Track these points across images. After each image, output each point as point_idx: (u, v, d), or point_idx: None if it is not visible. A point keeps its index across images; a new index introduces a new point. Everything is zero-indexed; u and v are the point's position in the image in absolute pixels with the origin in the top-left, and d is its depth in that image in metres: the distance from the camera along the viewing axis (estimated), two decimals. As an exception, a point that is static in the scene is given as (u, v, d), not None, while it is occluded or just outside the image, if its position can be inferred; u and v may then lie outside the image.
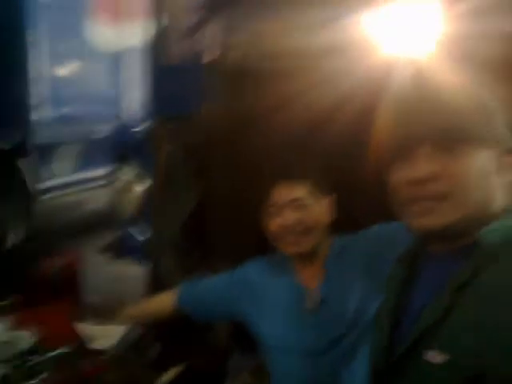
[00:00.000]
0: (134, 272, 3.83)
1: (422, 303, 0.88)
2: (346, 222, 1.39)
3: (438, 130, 0.85)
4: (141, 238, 2.18)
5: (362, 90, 1.64)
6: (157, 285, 2.42)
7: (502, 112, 0.89)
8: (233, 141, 1.88)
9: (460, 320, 0.79)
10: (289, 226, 1.31)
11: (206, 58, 2.00)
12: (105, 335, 2.31)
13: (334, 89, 1.61)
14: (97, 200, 4.72)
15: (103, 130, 4.28)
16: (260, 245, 1.53)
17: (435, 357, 0.79)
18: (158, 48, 2.51)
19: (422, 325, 0.84)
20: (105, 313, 1.75)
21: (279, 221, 1.32)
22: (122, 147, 2.24)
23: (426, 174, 0.84)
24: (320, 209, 1.35)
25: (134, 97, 4.64)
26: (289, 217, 1.31)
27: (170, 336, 2.62)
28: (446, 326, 0.81)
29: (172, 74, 2.47)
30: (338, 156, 1.65)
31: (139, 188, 2.15)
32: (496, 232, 0.83)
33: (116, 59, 5.12)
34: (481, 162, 0.84)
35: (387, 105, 1.48)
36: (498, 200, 0.87)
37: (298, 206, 1.31)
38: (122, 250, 2.39)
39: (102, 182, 4.28)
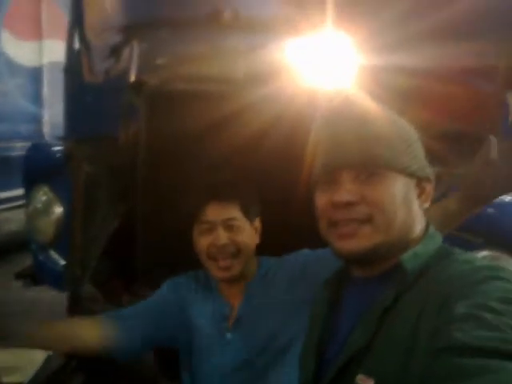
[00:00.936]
0: (51, 298, 3.66)
1: (347, 328, 0.90)
2: (272, 244, 1.39)
3: (359, 157, 0.88)
4: (59, 263, 2.08)
5: (286, 117, 1.68)
6: (77, 312, 2.33)
7: (420, 141, 0.94)
8: (156, 164, 1.85)
9: (383, 345, 0.81)
10: (220, 245, 1.30)
11: (128, 79, 1.97)
12: (20, 367, 2.17)
13: (258, 115, 1.63)
14: (12, 222, 4.49)
15: (21, 148, 4.11)
16: (185, 270, 1.51)
17: (364, 381, 0.81)
18: (78, 66, 2.45)
19: (348, 350, 0.85)
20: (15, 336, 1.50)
21: (211, 239, 1.31)
22: (37, 167, 2.15)
23: (347, 198, 0.87)
24: (250, 231, 1.35)
25: (55, 114, 4.50)
26: (221, 236, 1.30)
27: (94, 365, 2.51)
28: (371, 351, 0.82)
29: (92, 94, 2.41)
30: (264, 179, 1.67)
31: (57, 210, 2.06)
32: (417, 258, 0.86)
33: (37, 75, 4.94)
34: (401, 189, 0.88)
35: (312, 133, 1.53)
36: (418, 226, 0.91)
37: (231, 226, 1.31)
38: (38, 275, 2.27)
39: (18, 203, 4.09)
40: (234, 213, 1.32)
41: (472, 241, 1.38)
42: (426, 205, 0.92)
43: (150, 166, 1.83)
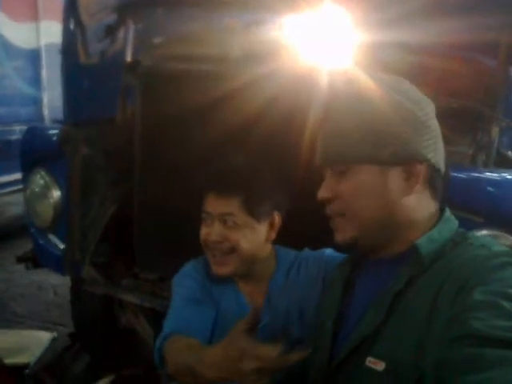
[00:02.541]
0: (56, 280, 3.70)
1: (359, 310, 0.90)
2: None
3: (329, 154, 0.91)
4: (58, 246, 2.08)
5: (283, 95, 1.65)
6: (81, 293, 2.34)
7: (409, 121, 0.88)
8: (153, 145, 1.83)
9: (396, 329, 0.82)
10: (212, 240, 1.21)
11: (124, 60, 1.95)
12: (26, 348, 2.20)
13: (253, 93, 1.60)
14: (14, 205, 4.51)
15: (21, 131, 4.11)
16: (184, 253, 1.48)
17: (375, 363, 0.81)
18: (74, 48, 2.42)
19: (359, 333, 0.86)
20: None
21: (206, 230, 1.24)
22: (34, 151, 2.13)
23: (322, 195, 0.92)
24: (253, 230, 1.23)
25: (55, 97, 4.48)
26: (214, 230, 1.21)
27: (99, 347, 2.54)
28: (383, 335, 0.83)
29: (90, 76, 2.38)
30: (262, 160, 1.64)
31: (54, 194, 2.05)
32: (432, 242, 0.86)
33: (35, 57, 4.90)
34: (371, 179, 0.88)
35: (310, 119, 1.50)
36: (418, 210, 0.89)
37: (226, 222, 1.21)
38: (39, 259, 2.27)
39: (19, 187, 4.10)
40: (232, 208, 1.21)
41: (472, 220, 1.37)
42: (418, 186, 0.88)
43: (145, 147, 1.82)
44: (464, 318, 0.70)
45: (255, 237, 1.24)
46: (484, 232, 1.35)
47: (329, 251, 1.31)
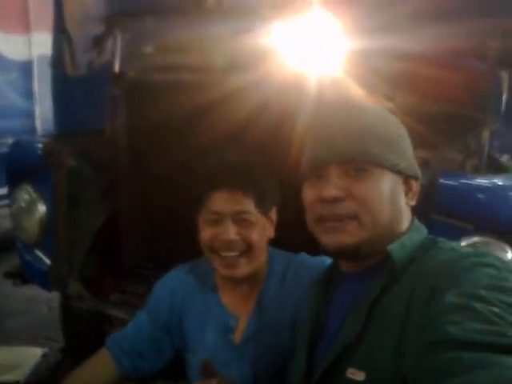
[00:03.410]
0: (50, 295, 3.65)
1: (337, 324, 0.91)
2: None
3: (349, 153, 0.87)
4: (45, 262, 2.04)
5: (270, 103, 1.63)
6: (70, 308, 2.31)
7: (408, 139, 0.94)
8: (138, 156, 1.81)
9: (374, 337, 0.82)
10: (227, 240, 1.14)
11: (111, 71, 1.93)
12: (15, 365, 2.15)
13: (238, 103, 1.58)
14: (7, 219, 4.46)
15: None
16: (173, 264, 1.44)
17: (354, 374, 0.81)
18: (63, 60, 2.40)
19: (338, 344, 0.86)
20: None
21: (216, 231, 1.15)
22: (19, 165, 2.10)
23: (334, 194, 0.87)
24: (263, 226, 1.18)
25: (47, 109, 4.48)
26: (230, 230, 1.13)
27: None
28: (362, 345, 0.83)
29: (79, 87, 2.37)
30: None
31: (40, 209, 2.01)
32: (404, 248, 0.87)
33: (27, 69, 4.91)
34: (389, 186, 0.88)
35: (299, 126, 1.49)
36: (405, 222, 0.92)
37: (242, 220, 1.14)
38: (27, 274, 2.23)
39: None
40: (247, 205, 1.14)
41: (462, 227, 1.34)
42: (413, 202, 0.93)
43: (130, 158, 1.80)
44: (439, 322, 0.69)
45: (264, 233, 1.19)
46: (475, 239, 1.33)
47: (329, 261, 1.20)
